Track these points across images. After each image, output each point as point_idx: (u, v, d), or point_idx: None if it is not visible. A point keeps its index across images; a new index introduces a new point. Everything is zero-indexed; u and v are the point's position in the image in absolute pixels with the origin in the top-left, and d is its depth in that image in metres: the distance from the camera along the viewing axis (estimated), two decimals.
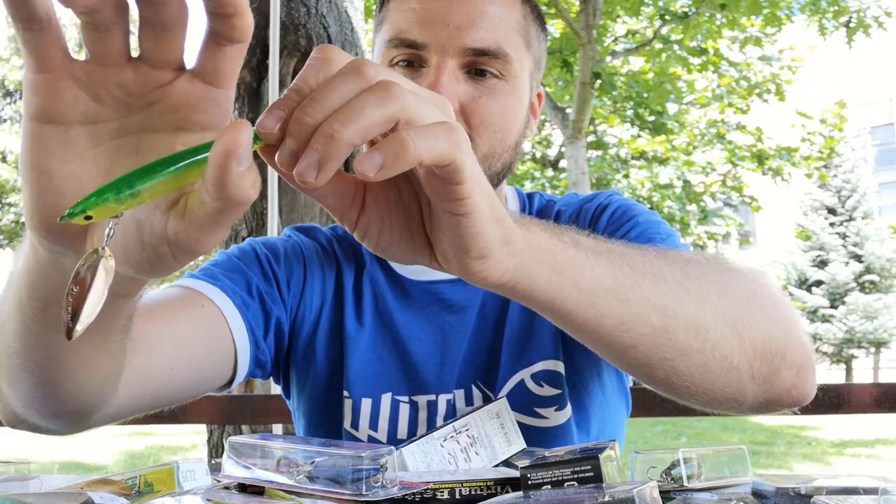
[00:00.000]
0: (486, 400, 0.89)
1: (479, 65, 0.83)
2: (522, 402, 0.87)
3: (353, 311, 0.94)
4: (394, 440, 0.89)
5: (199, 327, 0.80)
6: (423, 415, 0.90)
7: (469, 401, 0.90)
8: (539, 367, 0.89)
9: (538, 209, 0.99)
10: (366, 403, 0.91)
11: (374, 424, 0.90)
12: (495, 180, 0.87)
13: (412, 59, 0.84)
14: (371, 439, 0.90)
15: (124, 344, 0.60)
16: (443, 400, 0.90)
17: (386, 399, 0.91)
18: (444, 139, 0.43)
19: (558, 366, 0.89)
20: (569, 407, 0.89)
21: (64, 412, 0.63)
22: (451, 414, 0.89)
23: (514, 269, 0.50)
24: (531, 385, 0.89)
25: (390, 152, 0.42)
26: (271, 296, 0.91)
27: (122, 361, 0.63)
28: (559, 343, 0.90)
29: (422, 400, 0.91)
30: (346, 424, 0.91)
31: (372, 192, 0.50)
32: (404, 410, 0.90)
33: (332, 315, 0.95)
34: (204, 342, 0.81)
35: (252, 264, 0.92)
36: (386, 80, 0.42)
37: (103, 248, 0.41)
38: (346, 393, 0.91)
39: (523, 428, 0.85)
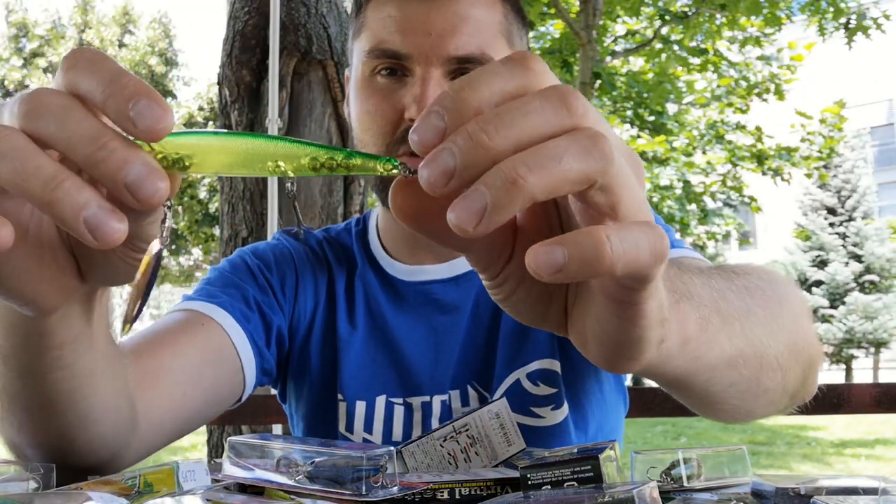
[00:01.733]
0: (482, 400, 0.89)
1: (463, 70, 0.83)
2: (518, 401, 0.87)
3: (346, 314, 0.94)
4: (389, 442, 0.89)
5: (204, 348, 0.81)
6: (417, 416, 0.90)
7: (465, 401, 0.90)
8: (535, 366, 0.89)
9: None
10: (360, 406, 0.90)
11: (368, 427, 0.90)
12: None
13: (394, 67, 0.84)
14: (366, 442, 0.90)
15: (124, 364, 0.63)
16: (437, 401, 0.90)
17: (380, 401, 0.90)
18: (648, 248, 0.34)
19: (554, 364, 0.89)
20: (565, 406, 0.89)
21: (85, 465, 0.66)
22: (447, 415, 0.89)
23: (657, 361, 0.43)
24: (527, 384, 0.89)
25: (578, 253, 0.32)
26: (269, 305, 0.91)
27: (126, 385, 0.65)
28: (554, 342, 0.90)
29: (416, 401, 0.90)
30: (341, 427, 0.91)
31: (523, 245, 0.40)
32: (399, 412, 0.90)
33: (326, 318, 0.94)
34: (210, 362, 0.81)
35: (245, 276, 0.92)
36: (595, 130, 0.34)
37: (163, 237, 0.38)
38: (340, 396, 0.91)
39: (520, 428, 0.85)
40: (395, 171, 0.37)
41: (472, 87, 0.34)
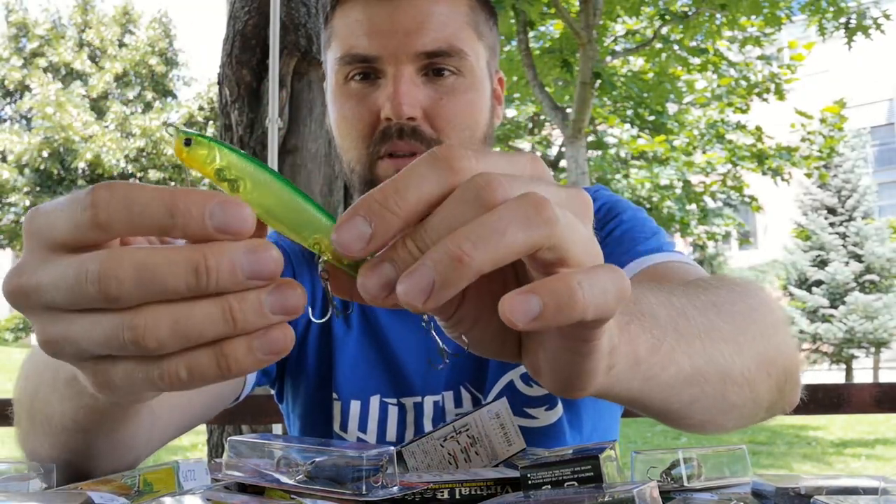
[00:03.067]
0: (476, 402, 0.89)
1: (435, 65, 0.83)
2: (512, 403, 0.87)
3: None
4: (383, 442, 0.89)
5: None
6: (410, 416, 0.90)
7: (458, 403, 0.90)
8: None
9: None
10: (354, 405, 0.91)
11: (363, 426, 0.90)
12: None
13: (367, 71, 0.84)
14: (360, 441, 0.90)
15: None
16: (429, 401, 0.90)
17: (374, 401, 0.91)
18: (614, 291, 0.35)
19: None
20: (559, 406, 0.89)
21: (114, 467, 0.69)
22: (439, 415, 0.89)
23: (608, 385, 0.44)
24: (520, 385, 0.88)
25: (553, 301, 0.33)
26: None
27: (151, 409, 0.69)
28: None
29: (408, 402, 0.90)
30: (336, 426, 0.91)
31: (475, 286, 0.40)
32: (393, 413, 0.90)
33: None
34: None
35: None
36: (535, 197, 0.34)
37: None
38: (335, 395, 0.91)
39: None
40: None
41: (398, 193, 0.34)
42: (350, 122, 0.86)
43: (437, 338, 0.41)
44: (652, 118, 9.14)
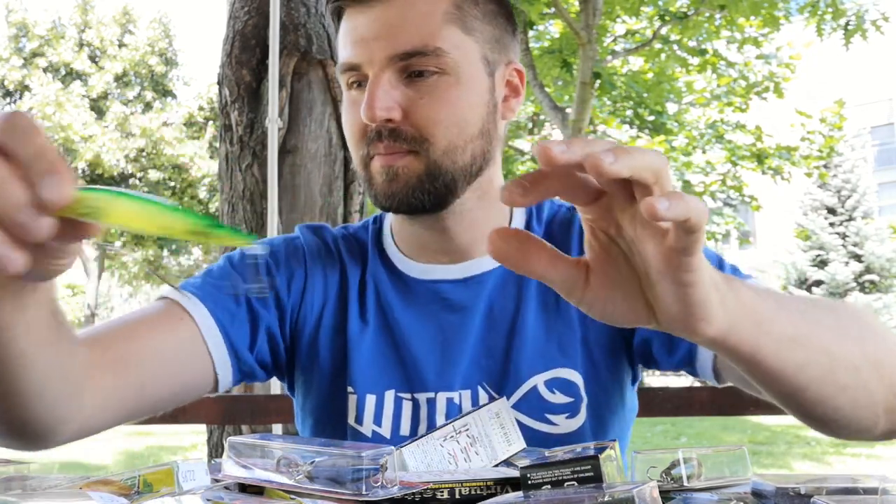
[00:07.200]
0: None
1: (413, 66, 0.84)
2: (534, 407, 0.88)
3: (357, 309, 0.95)
4: (397, 436, 0.90)
5: (172, 343, 0.84)
6: (423, 412, 0.91)
7: (475, 402, 0.90)
8: (553, 374, 0.89)
9: (549, 216, 0.99)
10: (370, 399, 0.91)
11: (378, 420, 0.91)
12: (469, 172, 0.87)
13: (360, 80, 0.88)
14: (375, 434, 0.91)
15: (69, 349, 0.67)
16: (442, 398, 0.90)
17: (389, 395, 0.92)
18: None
19: (573, 375, 0.89)
20: (581, 415, 0.89)
21: (25, 431, 0.69)
22: (454, 412, 0.90)
23: (729, 325, 0.54)
24: (543, 391, 0.89)
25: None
26: (262, 301, 0.92)
27: (71, 368, 0.69)
28: (580, 354, 0.90)
29: (422, 397, 0.91)
30: (351, 420, 0.92)
31: (595, 271, 0.54)
32: (407, 407, 0.91)
33: (336, 314, 0.96)
34: (177, 356, 0.84)
35: None
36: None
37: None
38: (350, 389, 0.92)
39: (535, 434, 0.85)
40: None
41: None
42: (349, 128, 0.90)
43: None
44: (651, 118, 9.14)
